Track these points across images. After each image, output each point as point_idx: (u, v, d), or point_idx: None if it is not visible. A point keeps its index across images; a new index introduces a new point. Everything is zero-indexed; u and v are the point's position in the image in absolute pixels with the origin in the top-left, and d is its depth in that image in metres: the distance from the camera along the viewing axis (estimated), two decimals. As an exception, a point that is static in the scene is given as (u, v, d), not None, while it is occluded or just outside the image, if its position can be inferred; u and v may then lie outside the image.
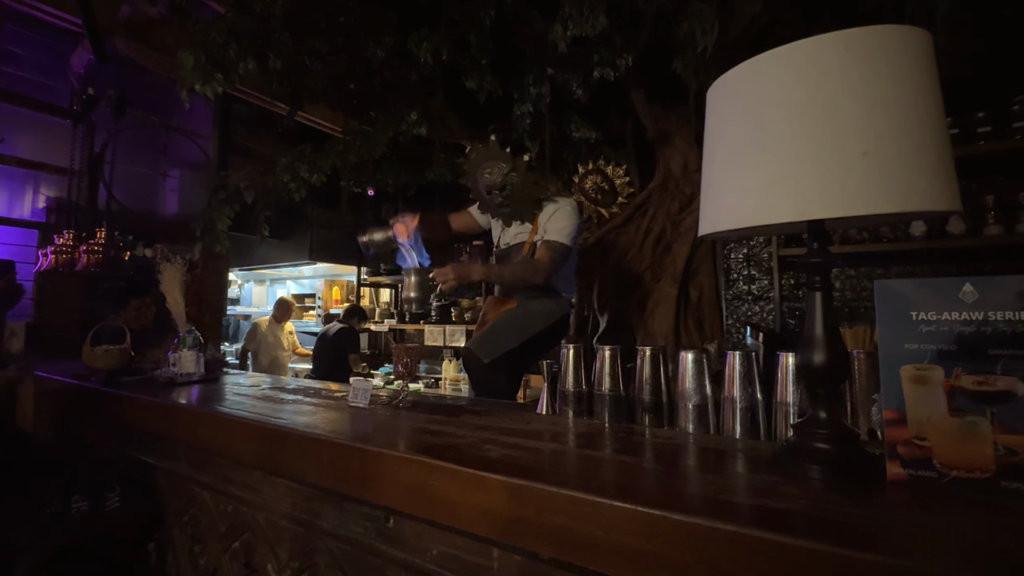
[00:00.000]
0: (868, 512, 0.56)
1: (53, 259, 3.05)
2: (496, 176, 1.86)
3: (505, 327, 1.83)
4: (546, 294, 1.89)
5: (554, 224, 1.83)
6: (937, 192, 0.56)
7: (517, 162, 1.84)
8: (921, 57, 0.58)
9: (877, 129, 0.56)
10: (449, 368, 4.48)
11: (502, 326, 1.83)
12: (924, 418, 0.61)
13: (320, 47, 2.32)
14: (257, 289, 7.00)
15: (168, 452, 1.43)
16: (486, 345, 1.78)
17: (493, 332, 1.82)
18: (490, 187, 1.87)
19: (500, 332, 1.82)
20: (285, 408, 1.24)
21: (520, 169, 1.83)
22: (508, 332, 1.81)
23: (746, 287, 3.04)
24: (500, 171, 1.85)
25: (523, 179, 1.84)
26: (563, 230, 1.81)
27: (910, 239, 2.40)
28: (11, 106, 3.71)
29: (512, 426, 1.02)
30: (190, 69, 2.01)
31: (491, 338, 1.81)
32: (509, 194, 1.86)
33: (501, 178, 1.84)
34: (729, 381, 0.91)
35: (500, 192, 1.87)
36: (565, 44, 1.90)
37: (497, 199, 1.88)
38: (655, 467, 0.76)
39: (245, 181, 2.83)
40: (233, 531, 1.23)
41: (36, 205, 3.85)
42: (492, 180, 1.86)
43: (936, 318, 0.62)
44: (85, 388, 1.66)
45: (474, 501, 0.73)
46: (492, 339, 1.80)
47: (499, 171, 1.85)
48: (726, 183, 0.70)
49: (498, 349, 1.76)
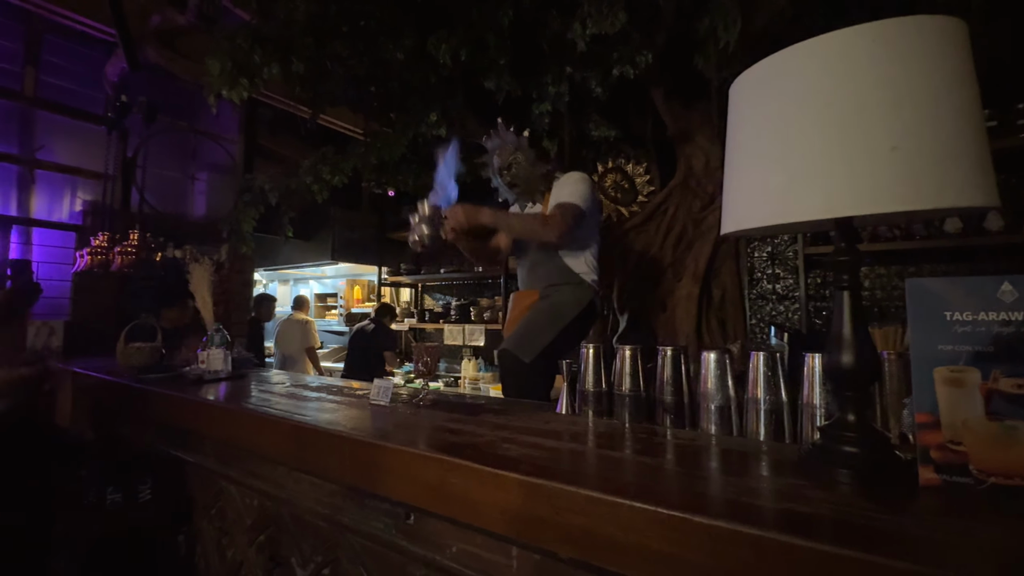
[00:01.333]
0: (899, 518, 0.54)
1: (89, 260, 3.18)
2: (504, 157, 1.88)
3: (537, 321, 1.77)
4: (569, 281, 1.82)
5: (562, 189, 1.79)
6: (972, 187, 0.54)
7: (521, 141, 1.86)
8: (955, 48, 0.55)
9: (907, 123, 0.54)
10: (468, 367, 4.50)
11: (533, 321, 1.77)
12: (959, 422, 0.59)
13: (341, 51, 2.36)
14: (281, 288, 7.16)
15: (196, 447, 1.48)
16: (524, 344, 1.71)
17: (526, 329, 1.76)
18: (500, 169, 1.91)
19: (533, 328, 1.75)
20: (308, 405, 1.27)
21: (523, 148, 1.86)
22: (542, 326, 1.74)
23: (770, 286, 2.97)
24: (507, 152, 1.88)
25: (526, 156, 1.86)
26: (573, 192, 1.75)
27: (944, 236, 2.31)
28: (51, 114, 3.88)
29: (531, 425, 1.02)
30: (217, 75, 2.07)
31: (526, 335, 1.74)
32: (516, 173, 1.88)
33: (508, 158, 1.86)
34: (753, 382, 0.89)
35: (508, 172, 1.89)
36: (584, 43, 1.89)
37: (507, 179, 1.90)
38: (675, 468, 0.75)
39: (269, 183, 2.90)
40: (259, 524, 1.26)
41: (73, 208, 4.02)
42: (500, 162, 1.90)
43: (972, 318, 0.59)
44: (118, 384, 1.73)
45: (493, 499, 0.73)
46: (528, 336, 1.73)
47: (506, 152, 1.88)
48: (749, 180, 0.68)
49: (537, 346, 1.70)
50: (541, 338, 1.72)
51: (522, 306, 1.88)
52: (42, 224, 3.83)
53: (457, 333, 4.65)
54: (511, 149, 1.87)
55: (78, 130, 4.02)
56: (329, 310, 6.19)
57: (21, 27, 3.72)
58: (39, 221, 3.82)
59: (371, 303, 5.56)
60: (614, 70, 2.15)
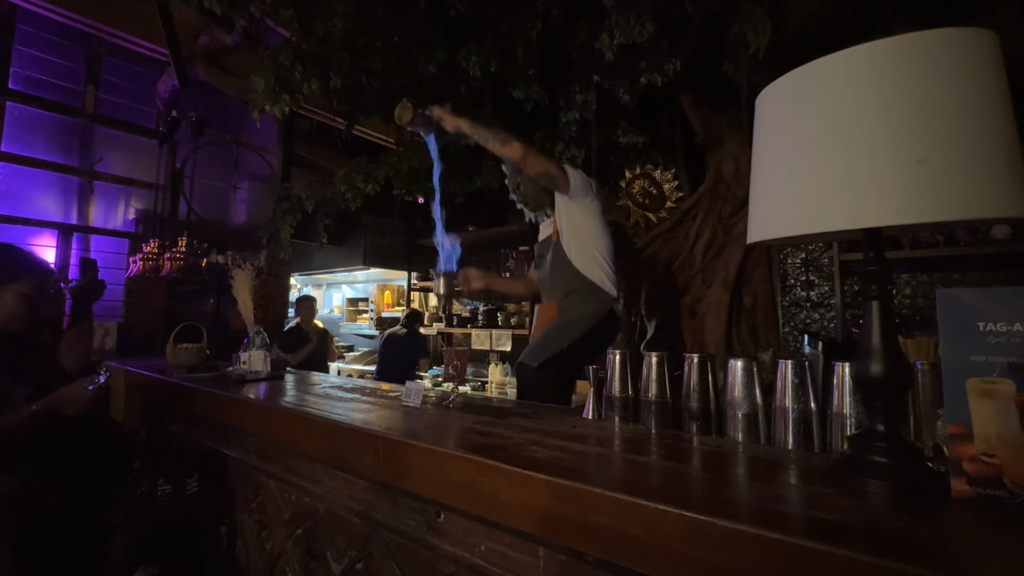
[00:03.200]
0: (930, 528, 0.54)
1: (141, 265, 3.39)
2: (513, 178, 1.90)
3: (548, 335, 1.85)
4: (584, 290, 1.84)
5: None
6: (1004, 198, 0.54)
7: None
8: (983, 59, 0.55)
9: (934, 135, 0.54)
10: (495, 372, 4.54)
11: (546, 335, 1.86)
12: (993, 434, 0.58)
13: (376, 65, 2.45)
14: (314, 292, 7.39)
15: (239, 443, 1.56)
16: (534, 352, 1.81)
17: (538, 343, 1.85)
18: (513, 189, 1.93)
19: (543, 341, 1.84)
20: (343, 405, 1.32)
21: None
22: (552, 338, 1.83)
23: (804, 293, 2.89)
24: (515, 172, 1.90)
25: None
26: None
27: (991, 242, 2.21)
28: (108, 129, 4.16)
29: (558, 429, 1.04)
30: (261, 92, 2.19)
31: (537, 347, 1.84)
32: (524, 191, 1.90)
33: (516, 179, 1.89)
34: (781, 390, 0.89)
35: (519, 191, 1.91)
36: (612, 52, 1.91)
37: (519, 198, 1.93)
38: (701, 473, 0.76)
39: (306, 192, 3.03)
40: (296, 519, 1.32)
41: (127, 216, 4.28)
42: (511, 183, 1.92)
43: (1007, 329, 0.58)
44: (167, 382, 1.84)
45: (520, 499, 0.75)
46: (539, 346, 1.83)
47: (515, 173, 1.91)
48: (776, 191, 0.69)
49: (546, 352, 1.78)
50: (551, 347, 1.78)
51: (544, 319, 1.94)
52: (99, 232, 4.10)
53: (484, 338, 4.70)
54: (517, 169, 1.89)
55: (132, 143, 4.29)
56: (360, 314, 6.35)
57: (83, 49, 4.02)
58: (97, 229, 4.09)
59: (400, 307, 5.68)
60: (642, 78, 2.16)
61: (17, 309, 1.37)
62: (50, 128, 3.89)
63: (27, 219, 3.74)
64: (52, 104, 3.88)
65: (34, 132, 3.81)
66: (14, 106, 3.70)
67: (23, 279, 1.38)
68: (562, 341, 1.79)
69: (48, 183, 3.89)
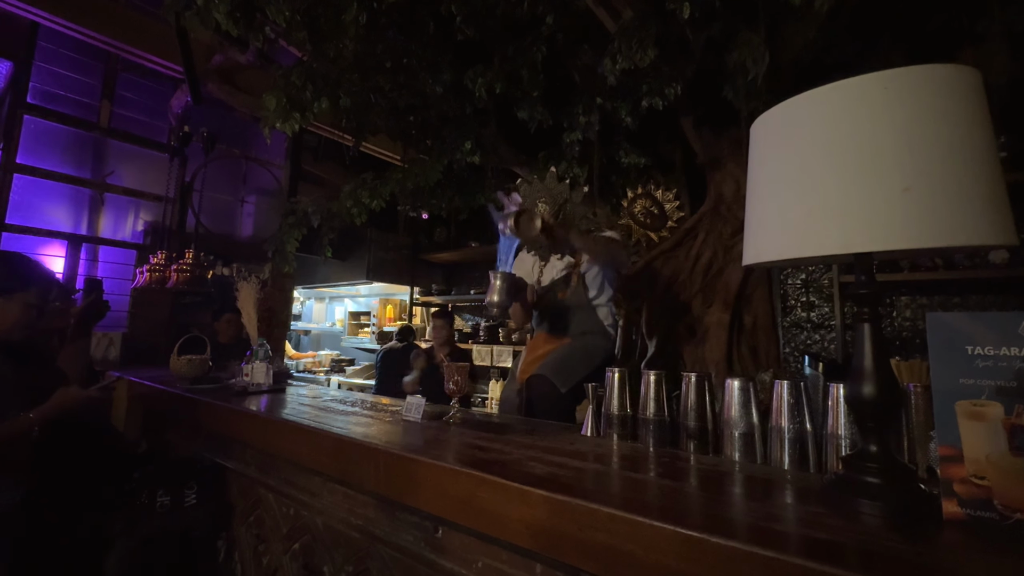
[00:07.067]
0: (921, 549, 0.55)
1: (148, 276, 3.42)
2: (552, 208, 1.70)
3: (573, 356, 1.88)
4: (596, 331, 1.97)
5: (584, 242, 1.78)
6: (986, 226, 0.56)
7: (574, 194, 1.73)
8: (967, 94, 0.58)
9: (919, 166, 0.57)
10: (496, 388, 4.53)
11: (570, 356, 1.88)
12: (982, 456, 0.59)
13: (384, 84, 2.51)
14: (317, 306, 7.41)
15: (238, 455, 1.56)
16: (563, 374, 1.81)
17: (563, 363, 1.85)
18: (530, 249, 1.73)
19: (570, 362, 1.85)
20: (344, 419, 1.33)
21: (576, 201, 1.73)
22: (578, 363, 1.85)
23: (804, 314, 2.90)
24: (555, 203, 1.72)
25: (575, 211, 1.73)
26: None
27: (989, 267, 2.22)
28: (121, 143, 4.24)
29: (557, 445, 1.05)
30: (272, 110, 2.25)
31: (564, 367, 1.84)
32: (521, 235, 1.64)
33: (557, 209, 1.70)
34: (777, 410, 0.90)
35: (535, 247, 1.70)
36: (614, 76, 1.95)
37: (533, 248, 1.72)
38: (697, 491, 0.77)
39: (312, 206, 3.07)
40: (294, 533, 1.32)
41: (135, 228, 4.34)
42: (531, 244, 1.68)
43: (994, 353, 0.60)
44: (169, 393, 1.85)
45: (519, 514, 0.76)
46: (567, 369, 1.83)
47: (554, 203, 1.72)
48: (769, 216, 0.72)
49: (573, 378, 1.79)
50: (576, 373, 1.80)
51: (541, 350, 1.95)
52: (108, 242, 4.15)
53: (485, 354, 4.70)
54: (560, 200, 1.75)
55: (143, 157, 4.37)
56: (362, 328, 6.36)
57: (102, 65, 4.13)
58: (106, 240, 4.15)
59: (402, 322, 5.70)
60: (644, 101, 2.21)
61: (21, 318, 1.39)
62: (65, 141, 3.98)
63: (38, 229, 3.80)
64: (68, 118, 3.97)
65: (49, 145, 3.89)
66: (31, 119, 3.78)
67: (30, 288, 1.40)
68: (583, 369, 1.82)
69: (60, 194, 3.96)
